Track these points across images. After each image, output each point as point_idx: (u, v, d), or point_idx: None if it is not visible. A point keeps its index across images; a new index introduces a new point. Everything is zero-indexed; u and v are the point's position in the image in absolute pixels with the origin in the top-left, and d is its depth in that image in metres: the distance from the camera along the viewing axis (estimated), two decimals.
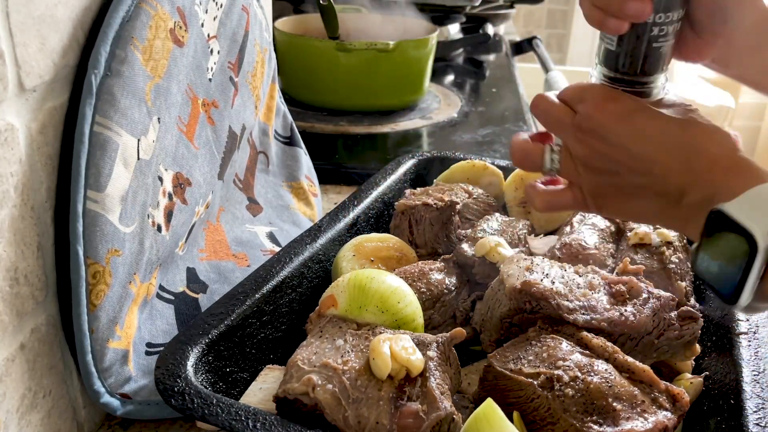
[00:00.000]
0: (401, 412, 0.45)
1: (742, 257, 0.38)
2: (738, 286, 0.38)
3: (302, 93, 1.24)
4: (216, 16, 0.66)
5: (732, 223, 0.38)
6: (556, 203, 0.50)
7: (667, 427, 0.47)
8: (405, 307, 0.55)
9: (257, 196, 0.82)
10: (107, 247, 0.49)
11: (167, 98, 0.56)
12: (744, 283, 0.38)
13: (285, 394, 0.47)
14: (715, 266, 0.40)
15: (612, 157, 0.45)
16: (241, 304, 0.55)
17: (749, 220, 0.38)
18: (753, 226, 0.37)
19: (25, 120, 0.45)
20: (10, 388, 0.45)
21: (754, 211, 0.38)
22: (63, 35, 0.48)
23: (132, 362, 0.53)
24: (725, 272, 0.39)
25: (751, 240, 0.37)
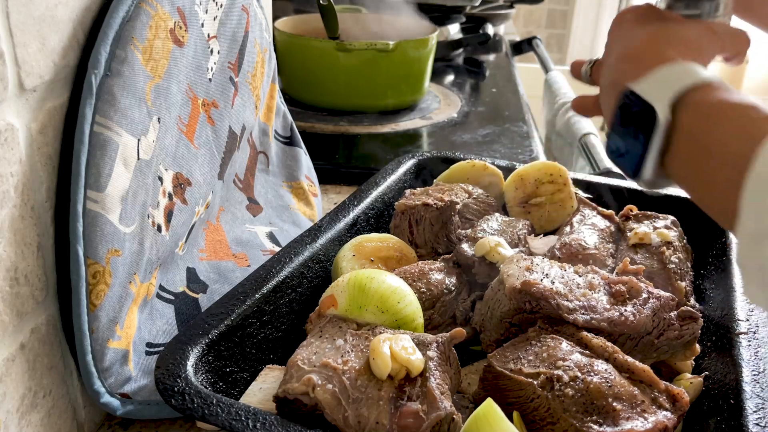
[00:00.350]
0: (401, 412, 0.45)
1: (645, 132, 0.41)
2: (640, 160, 0.41)
3: (302, 93, 1.24)
4: (216, 16, 0.66)
5: (638, 100, 0.41)
6: (583, 104, 0.58)
7: (667, 427, 0.47)
8: (405, 307, 0.55)
9: (257, 196, 0.82)
10: (107, 247, 0.49)
11: (167, 98, 0.56)
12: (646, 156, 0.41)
13: (285, 394, 0.47)
14: (621, 144, 0.43)
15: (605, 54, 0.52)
16: (241, 304, 0.55)
17: (652, 96, 0.41)
18: (655, 101, 0.40)
19: (25, 120, 0.45)
20: (10, 388, 0.45)
21: (659, 88, 0.41)
22: (63, 35, 0.48)
23: (132, 362, 0.53)
24: (630, 148, 0.42)
25: (654, 114, 0.40)
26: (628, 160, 0.43)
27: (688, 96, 0.40)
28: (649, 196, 0.80)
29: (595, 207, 0.77)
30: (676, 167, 0.41)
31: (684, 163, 0.40)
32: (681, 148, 0.40)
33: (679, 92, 0.40)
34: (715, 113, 0.38)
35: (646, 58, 0.44)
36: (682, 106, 0.40)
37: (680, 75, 0.41)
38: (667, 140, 0.40)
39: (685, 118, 0.40)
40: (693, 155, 0.39)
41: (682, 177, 0.41)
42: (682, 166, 0.40)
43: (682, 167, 0.40)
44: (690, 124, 0.39)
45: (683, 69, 0.42)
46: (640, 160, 0.41)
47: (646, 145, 0.41)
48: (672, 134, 0.40)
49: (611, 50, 0.50)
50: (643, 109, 0.41)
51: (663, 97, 0.40)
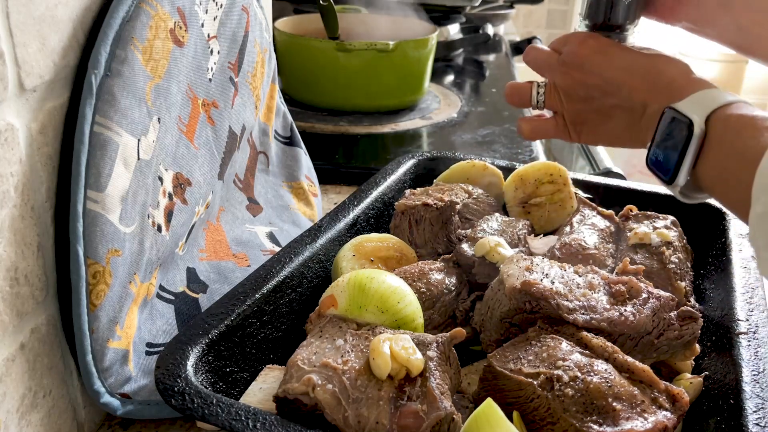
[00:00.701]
0: (401, 412, 0.45)
1: (682, 141, 0.48)
2: (676, 167, 0.49)
3: (302, 93, 1.24)
4: (216, 17, 0.66)
5: (678, 114, 0.49)
6: (540, 130, 0.62)
7: (667, 427, 0.47)
8: (405, 307, 0.55)
9: (257, 196, 0.82)
10: (107, 247, 0.49)
11: (167, 98, 0.56)
12: (681, 164, 0.48)
13: (285, 394, 0.47)
14: (660, 154, 0.51)
15: (588, 83, 0.56)
16: (241, 304, 0.55)
17: (692, 111, 0.48)
18: (693, 115, 0.48)
19: (26, 120, 0.45)
20: (10, 388, 0.45)
21: (697, 106, 0.49)
22: (63, 35, 0.48)
23: (132, 362, 0.53)
24: (667, 156, 0.50)
25: (691, 125, 0.48)
26: (664, 166, 0.50)
27: (718, 112, 0.48)
28: (649, 196, 0.80)
29: (595, 207, 0.77)
30: (706, 172, 0.48)
31: (711, 168, 0.47)
32: (709, 156, 0.47)
33: (713, 109, 0.48)
34: (740, 124, 0.46)
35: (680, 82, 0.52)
36: (713, 120, 0.48)
37: (714, 97, 0.49)
38: (699, 150, 0.48)
39: (715, 130, 0.47)
40: (719, 161, 0.47)
41: (710, 180, 0.48)
42: (709, 172, 0.48)
43: (709, 173, 0.48)
44: (719, 134, 0.47)
45: (715, 93, 0.50)
46: (676, 167, 0.49)
47: (682, 153, 0.48)
48: (704, 144, 0.48)
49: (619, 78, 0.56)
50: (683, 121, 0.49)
51: (701, 112, 0.48)
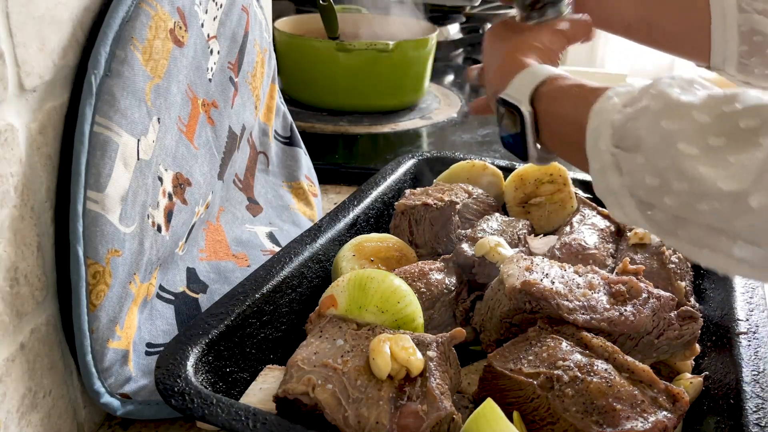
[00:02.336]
0: (401, 411, 0.45)
1: (519, 125, 0.54)
2: (524, 145, 0.54)
3: (302, 93, 1.24)
4: (216, 17, 0.66)
5: (508, 103, 0.54)
6: (477, 104, 0.70)
7: (667, 426, 0.47)
8: (405, 307, 0.55)
9: (257, 196, 0.82)
10: (107, 247, 0.49)
11: (167, 98, 0.56)
12: (526, 144, 0.54)
13: (285, 394, 0.47)
14: (509, 137, 0.56)
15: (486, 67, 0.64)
16: (241, 304, 0.55)
17: (517, 97, 0.54)
18: (519, 102, 0.53)
19: (25, 120, 0.45)
20: (11, 388, 0.45)
21: (520, 90, 0.54)
22: (63, 35, 0.48)
23: (132, 362, 0.53)
24: (516, 138, 0.55)
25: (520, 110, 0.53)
26: (516, 147, 0.55)
27: (540, 90, 0.53)
28: None
29: (595, 207, 0.77)
30: (549, 142, 0.53)
31: (551, 138, 0.53)
32: (545, 128, 0.53)
33: (533, 89, 0.53)
34: (559, 96, 0.51)
35: (508, 69, 0.56)
36: (537, 98, 0.53)
37: (531, 77, 0.54)
38: (536, 126, 0.53)
39: (541, 106, 0.52)
40: (554, 130, 0.52)
41: (555, 148, 0.53)
42: (551, 141, 0.53)
43: (551, 141, 0.53)
44: (545, 109, 0.52)
45: (532, 71, 0.54)
46: (524, 146, 0.54)
47: (523, 135, 0.54)
48: (537, 120, 0.53)
49: (488, 63, 0.63)
50: (514, 108, 0.54)
51: (523, 97, 0.53)
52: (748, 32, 0.60)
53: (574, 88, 0.50)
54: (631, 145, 0.43)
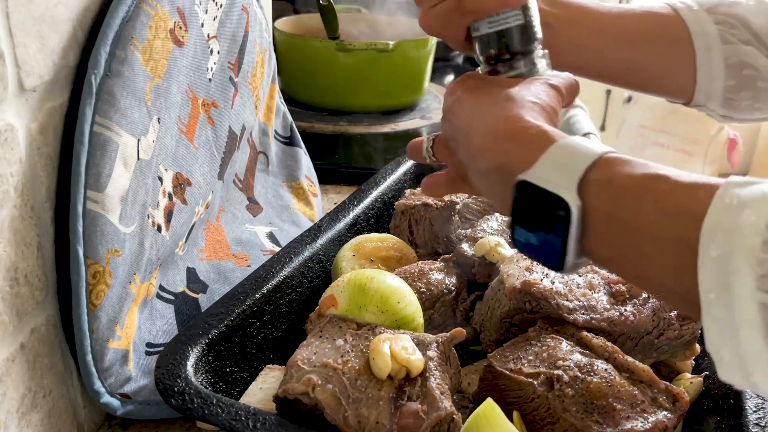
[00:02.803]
0: (401, 412, 0.45)
1: (558, 223, 0.37)
2: (562, 251, 0.38)
3: (302, 93, 1.24)
4: (216, 17, 0.66)
5: (539, 192, 0.38)
6: (433, 184, 0.53)
7: (667, 426, 0.47)
8: (405, 307, 0.55)
9: (257, 196, 0.82)
10: (107, 247, 0.49)
11: (167, 98, 0.56)
12: (566, 247, 0.37)
13: (285, 394, 0.47)
14: (534, 237, 0.39)
15: (449, 135, 0.48)
16: (241, 304, 0.55)
17: (554, 185, 0.37)
18: (560, 189, 0.37)
19: (25, 120, 0.45)
20: (10, 388, 0.45)
21: (557, 173, 0.38)
22: (63, 35, 0.48)
23: (132, 362, 0.53)
24: (546, 241, 0.38)
25: (563, 203, 0.37)
26: (546, 253, 0.39)
27: (590, 177, 0.37)
28: None
29: None
30: (599, 250, 0.37)
31: (608, 245, 0.37)
32: (601, 231, 0.37)
33: (582, 174, 0.37)
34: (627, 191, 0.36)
35: (516, 136, 0.41)
36: (586, 187, 0.37)
37: (573, 155, 0.38)
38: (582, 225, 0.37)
39: (595, 200, 0.36)
40: (617, 237, 0.36)
41: (607, 258, 0.38)
42: (606, 249, 0.37)
43: (606, 249, 0.37)
44: (604, 205, 0.36)
45: (572, 147, 0.38)
46: (561, 252, 0.38)
47: (563, 236, 0.37)
48: (585, 218, 0.37)
49: (463, 128, 0.45)
50: (548, 198, 0.37)
51: (568, 184, 0.37)
52: (736, 65, 0.54)
53: (651, 180, 0.35)
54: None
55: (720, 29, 0.54)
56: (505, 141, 0.41)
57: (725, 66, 0.54)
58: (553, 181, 0.37)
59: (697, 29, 0.54)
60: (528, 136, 0.40)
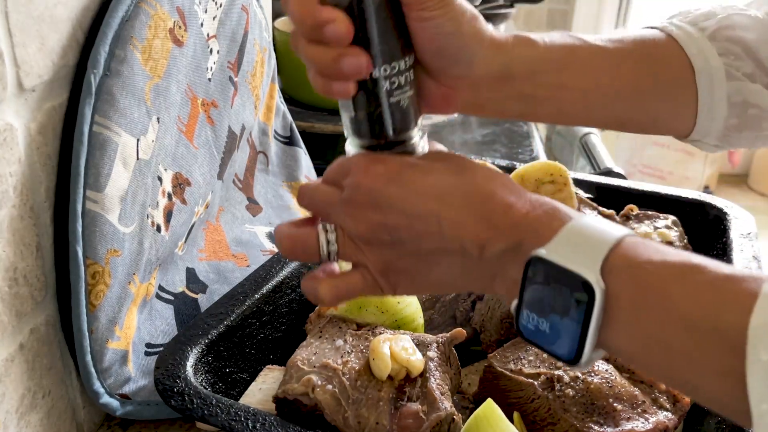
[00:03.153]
0: (401, 412, 0.45)
1: (577, 307, 0.32)
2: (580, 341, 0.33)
3: (302, 93, 1.24)
4: (215, 16, 0.65)
5: (557, 270, 0.33)
6: (345, 290, 0.41)
7: (668, 427, 0.47)
8: (405, 308, 0.55)
9: (257, 196, 0.82)
10: (106, 247, 0.49)
11: (167, 98, 0.56)
12: (585, 337, 0.32)
13: (285, 394, 0.47)
14: (545, 323, 0.34)
15: (390, 224, 0.38)
16: (241, 305, 0.55)
17: (575, 263, 0.33)
18: (582, 269, 0.32)
19: (24, 120, 0.44)
20: (10, 388, 0.45)
21: (576, 252, 0.33)
22: (62, 35, 0.48)
23: (131, 362, 0.53)
24: (561, 328, 0.33)
25: (585, 285, 0.32)
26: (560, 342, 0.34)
27: (611, 258, 0.33)
28: (650, 196, 0.80)
29: (596, 207, 0.77)
30: (621, 342, 0.33)
31: (632, 338, 0.33)
32: (625, 321, 0.32)
33: (605, 256, 0.33)
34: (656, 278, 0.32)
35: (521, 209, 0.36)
36: (608, 270, 0.32)
37: (592, 235, 0.34)
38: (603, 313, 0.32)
39: (619, 286, 0.32)
40: (643, 329, 0.32)
41: (630, 352, 0.33)
42: (629, 342, 0.33)
43: (629, 342, 0.33)
44: (629, 292, 0.32)
45: (590, 227, 0.34)
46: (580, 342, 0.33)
47: (582, 323, 0.32)
48: (607, 306, 0.32)
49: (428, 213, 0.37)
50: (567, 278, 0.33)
51: (591, 264, 0.32)
52: (740, 104, 0.48)
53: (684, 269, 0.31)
54: None
55: (725, 63, 0.47)
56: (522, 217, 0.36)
57: (728, 105, 0.48)
58: (573, 260, 0.33)
59: (701, 65, 0.47)
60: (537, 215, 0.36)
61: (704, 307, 0.30)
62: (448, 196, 0.38)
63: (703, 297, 0.30)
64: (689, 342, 0.30)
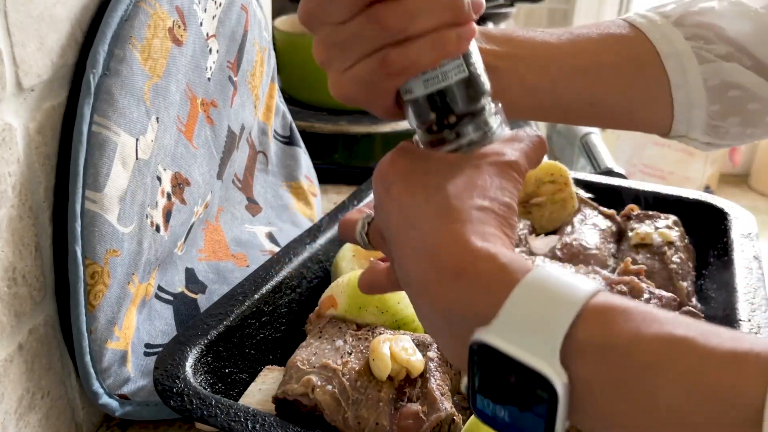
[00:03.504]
0: (401, 413, 0.45)
1: (538, 402, 0.27)
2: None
3: (302, 92, 1.24)
4: (215, 15, 0.65)
5: (508, 361, 0.27)
6: (372, 282, 0.39)
7: None
8: (405, 308, 0.55)
9: (256, 196, 0.82)
10: (106, 247, 0.49)
11: (166, 98, 0.56)
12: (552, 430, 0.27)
13: (284, 395, 0.47)
14: (503, 412, 0.28)
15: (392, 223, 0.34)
16: (240, 305, 0.55)
17: (528, 350, 0.26)
18: (536, 360, 0.26)
19: (23, 119, 0.44)
20: (8, 389, 0.45)
21: (527, 333, 0.27)
22: (61, 34, 0.48)
23: (131, 363, 0.53)
24: (523, 421, 0.28)
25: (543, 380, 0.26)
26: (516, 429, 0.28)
27: (575, 332, 0.26)
28: (650, 196, 0.80)
29: (597, 207, 0.77)
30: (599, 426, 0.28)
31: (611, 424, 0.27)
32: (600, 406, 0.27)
33: (565, 334, 0.26)
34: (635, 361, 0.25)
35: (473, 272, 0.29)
36: (573, 350, 0.26)
37: (548, 301, 0.27)
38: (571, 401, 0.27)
39: (588, 371, 0.26)
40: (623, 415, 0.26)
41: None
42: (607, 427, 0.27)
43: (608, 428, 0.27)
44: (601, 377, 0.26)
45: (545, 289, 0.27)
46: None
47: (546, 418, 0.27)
48: (575, 393, 0.26)
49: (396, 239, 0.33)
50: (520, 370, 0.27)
51: (546, 350, 0.26)
52: (718, 87, 0.44)
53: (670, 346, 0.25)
54: None
55: (693, 46, 0.44)
56: (448, 276, 0.29)
57: (705, 89, 0.44)
58: (526, 345, 0.27)
59: (667, 49, 0.44)
60: (479, 272, 0.29)
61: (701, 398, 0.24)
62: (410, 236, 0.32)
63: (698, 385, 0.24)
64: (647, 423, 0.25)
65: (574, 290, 0.27)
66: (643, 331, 0.26)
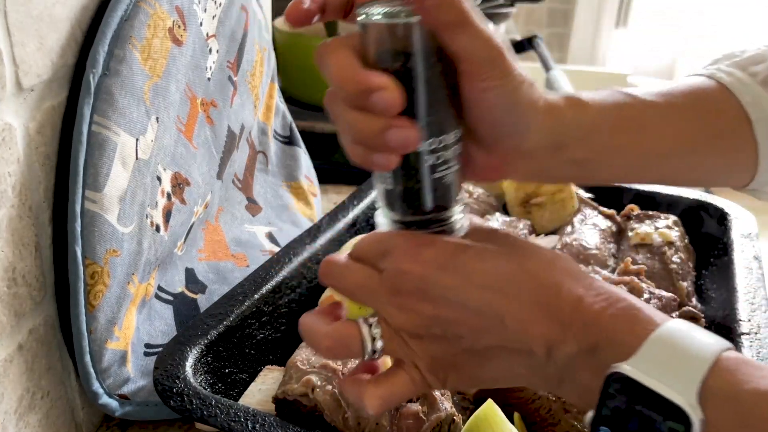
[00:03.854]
0: (401, 413, 0.45)
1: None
2: None
3: (302, 92, 1.24)
4: (215, 15, 0.65)
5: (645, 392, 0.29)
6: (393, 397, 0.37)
7: None
8: None
9: (256, 196, 0.82)
10: (105, 247, 0.49)
11: (166, 98, 0.56)
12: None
13: (284, 395, 0.47)
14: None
15: (444, 317, 0.34)
16: (240, 305, 0.55)
17: (667, 385, 0.28)
18: (675, 394, 0.28)
19: (23, 119, 0.44)
20: (8, 389, 0.45)
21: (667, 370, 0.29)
22: (61, 34, 0.48)
23: (130, 363, 0.53)
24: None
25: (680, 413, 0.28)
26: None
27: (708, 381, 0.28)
28: (651, 196, 0.80)
29: (597, 207, 0.77)
30: None
31: None
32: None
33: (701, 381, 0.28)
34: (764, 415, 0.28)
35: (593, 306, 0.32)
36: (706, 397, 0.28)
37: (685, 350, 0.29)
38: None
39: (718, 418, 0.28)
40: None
41: None
42: None
43: None
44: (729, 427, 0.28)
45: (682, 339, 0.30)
46: None
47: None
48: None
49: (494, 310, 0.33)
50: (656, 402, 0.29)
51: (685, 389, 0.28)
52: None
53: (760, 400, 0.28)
54: None
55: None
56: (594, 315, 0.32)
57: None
58: (665, 381, 0.29)
59: (758, 115, 0.43)
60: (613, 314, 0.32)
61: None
62: (512, 288, 0.33)
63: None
64: None
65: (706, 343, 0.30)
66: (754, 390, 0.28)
